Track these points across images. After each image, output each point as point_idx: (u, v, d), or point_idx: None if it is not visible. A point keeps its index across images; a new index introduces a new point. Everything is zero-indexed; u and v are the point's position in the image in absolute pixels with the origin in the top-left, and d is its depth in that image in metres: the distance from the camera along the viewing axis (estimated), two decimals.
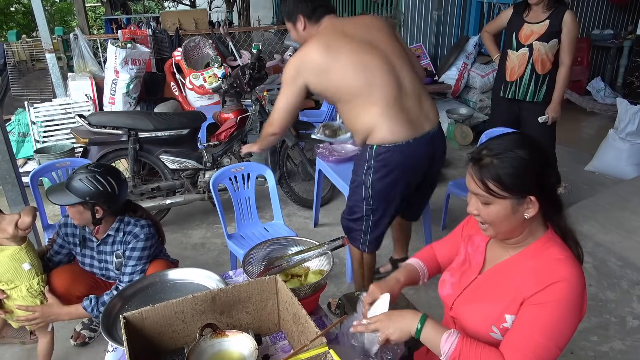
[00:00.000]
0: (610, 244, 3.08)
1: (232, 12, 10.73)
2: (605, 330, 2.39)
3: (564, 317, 1.06)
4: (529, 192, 1.09)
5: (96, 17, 14.06)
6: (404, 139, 1.98)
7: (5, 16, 12.27)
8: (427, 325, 1.16)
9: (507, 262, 1.20)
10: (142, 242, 1.96)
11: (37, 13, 4.15)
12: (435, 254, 1.52)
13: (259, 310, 1.41)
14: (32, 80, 5.09)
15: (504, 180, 1.08)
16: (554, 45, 2.98)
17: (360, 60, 1.96)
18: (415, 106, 2.03)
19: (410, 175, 2.10)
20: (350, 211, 2.24)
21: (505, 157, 1.09)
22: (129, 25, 7.27)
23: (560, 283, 1.06)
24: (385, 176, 2.05)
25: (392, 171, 2.03)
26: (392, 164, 2.01)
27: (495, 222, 1.14)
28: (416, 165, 2.08)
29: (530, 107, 3.16)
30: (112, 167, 2.00)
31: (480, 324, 1.17)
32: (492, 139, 1.15)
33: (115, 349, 1.44)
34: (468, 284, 1.27)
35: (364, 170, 2.08)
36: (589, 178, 4.18)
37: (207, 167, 3.37)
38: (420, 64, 2.35)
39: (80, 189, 1.85)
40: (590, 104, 6.03)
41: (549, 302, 1.06)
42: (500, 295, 1.16)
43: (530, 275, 1.11)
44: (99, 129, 3.11)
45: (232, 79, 3.43)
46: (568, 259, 1.11)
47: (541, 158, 1.11)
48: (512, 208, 1.10)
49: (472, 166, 1.13)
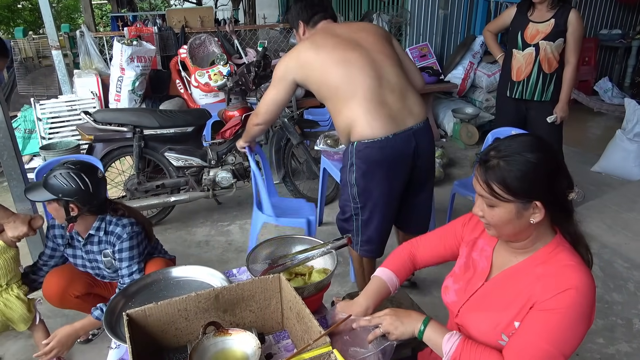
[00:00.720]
0: (617, 245, 3.06)
1: (238, 10, 10.74)
2: (611, 333, 2.37)
3: (572, 325, 1.04)
4: (535, 197, 1.06)
5: (102, 14, 14.10)
6: (383, 134, 1.97)
7: (12, 13, 12.33)
8: (430, 326, 1.16)
9: (515, 268, 1.17)
10: (127, 242, 1.94)
11: (43, 10, 4.16)
12: (415, 254, 1.46)
13: (263, 308, 1.40)
14: (38, 77, 5.11)
15: (509, 183, 1.05)
16: (560, 44, 2.96)
17: (342, 56, 2.01)
18: (398, 101, 2.02)
19: (393, 172, 2.06)
20: (342, 211, 2.25)
21: (513, 160, 1.05)
22: (135, 22, 7.28)
23: (570, 290, 1.04)
24: (367, 173, 2.04)
25: (373, 168, 2.02)
26: (371, 160, 2.00)
27: (498, 224, 1.12)
28: (398, 162, 2.04)
29: (538, 106, 3.14)
30: (89, 165, 1.94)
31: (489, 332, 1.15)
32: (503, 140, 1.12)
33: (119, 346, 1.44)
34: (474, 291, 1.24)
35: (348, 168, 2.08)
36: (595, 179, 4.15)
37: (212, 165, 3.37)
38: (417, 68, 2.36)
39: (54, 185, 1.83)
40: (598, 104, 5.99)
41: (558, 308, 1.04)
42: (509, 302, 1.13)
43: (539, 282, 1.09)
44: (105, 125, 3.11)
45: (238, 77, 3.43)
46: (578, 265, 1.08)
47: (552, 163, 1.07)
48: (516, 212, 1.07)
49: (479, 167, 1.11)
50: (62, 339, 1.79)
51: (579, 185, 3.96)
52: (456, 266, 1.35)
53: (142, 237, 2.02)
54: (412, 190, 2.21)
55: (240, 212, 3.70)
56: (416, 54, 5.48)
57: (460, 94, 5.45)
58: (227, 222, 3.56)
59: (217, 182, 3.37)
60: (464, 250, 1.35)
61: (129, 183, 3.32)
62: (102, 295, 2.24)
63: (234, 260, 3.05)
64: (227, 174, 3.35)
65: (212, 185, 3.37)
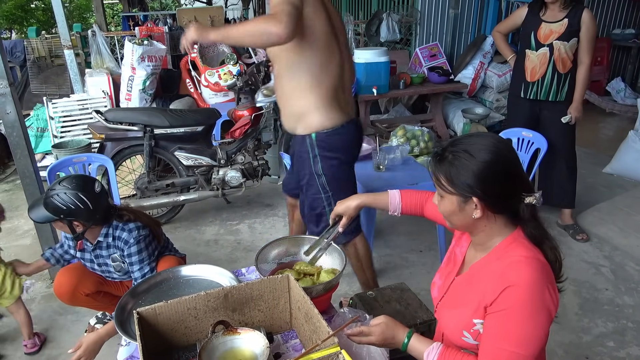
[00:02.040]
0: (629, 247, 3.02)
1: (248, 10, 10.76)
2: (621, 336, 2.34)
3: (528, 322, 1.03)
4: (473, 193, 1.09)
5: (114, 14, 14.23)
6: (338, 123, 2.04)
7: (25, 13, 12.49)
8: (413, 339, 1.20)
9: (477, 265, 1.19)
10: (135, 246, 1.96)
11: (56, 10, 4.21)
12: (424, 202, 1.53)
13: (271, 308, 1.41)
14: (50, 76, 5.17)
15: (451, 176, 1.10)
16: (574, 44, 2.94)
17: (330, 35, 1.96)
18: (347, 94, 2.11)
19: (353, 157, 2.17)
20: (311, 207, 2.19)
21: (461, 156, 1.09)
22: (146, 22, 7.33)
23: (512, 287, 1.04)
24: (333, 159, 2.08)
25: (337, 155, 2.08)
26: (335, 147, 2.07)
27: (446, 215, 1.19)
28: (353, 149, 2.16)
29: (553, 106, 3.12)
30: (86, 180, 1.93)
31: (453, 328, 1.19)
32: (463, 137, 1.16)
33: (129, 343, 1.46)
34: (448, 287, 1.28)
35: (311, 160, 2.09)
36: (607, 180, 4.11)
37: (221, 164, 3.39)
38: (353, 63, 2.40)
39: (54, 207, 1.83)
40: (610, 104, 5.92)
41: (507, 308, 1.05)
42: (469, 299, 1.16)
43: (491, 279, 1.10)
44: (115, 124, 3.14)
45: (247, 77, 3.44)
46: (528, 259, 1.07)
47: (501, 167, 1.09)
48: (457, 205, 1.12)
49: (433, 158, 1.16)
50: (89, 346, 1.75)
51: (591, 186, 3.92)
52: (443, 260, 1.39)
53: (150, 239, 2.04)
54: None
55: (249, 211, 3.71)
56: (426, 54, 5.46)
57: (470, 94, 5.41)
58: (236, 221, 3.57)
59: (226, 182, 3.39)
60: (452, 242, 1.37)
61: (140, 182, 3.35)
62: (112, 293, 2.26)
63: (243, 260, 3.06)
64: (237, 173, 3.37)
65: (221, 184, 3.39)
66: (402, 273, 2.87)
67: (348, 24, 5.59)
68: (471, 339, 1.15)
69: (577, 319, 2.46)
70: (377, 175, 2.77)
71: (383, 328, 1.22)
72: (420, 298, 1.75)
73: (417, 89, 4.94)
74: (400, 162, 2.90)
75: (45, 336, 2.41)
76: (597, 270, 2.85)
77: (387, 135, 4.61)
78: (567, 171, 3.20)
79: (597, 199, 3.66)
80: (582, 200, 3.54)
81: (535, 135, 3.04)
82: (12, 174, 4.59)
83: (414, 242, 3.18)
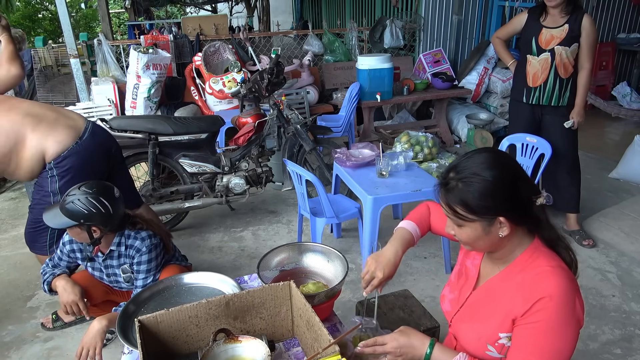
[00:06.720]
0: (636, 253, 2.99)
1: (253, 17, 10.83)
2: (629, 343, 2.31)
3: (559, 334, 1.03)
4: (497, 213, 1.06)
5: (120, 22, 14.36)
6: (72, 142, 2.17)
7: (33, 23, 12.64)
8: (436, 349, 1.16)
9: (497, 278, 1.18)
10: (146, 255, 1.98)
11: (62, 20, 4.26)
12: (429, 216, 1.49)
13: (273, 316, 1.41)
14: (57, 85, 5.21)
15: (469, 204, 1.06)
16: (575, 49, 2.94)
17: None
18: (53, 114, 2.22)
19: (92, 165, 2.27)
20: (34, 221, 2.29)
21: (470, 180, 1.06)
22: (152, 30, 7.40)
23: (545, 299, 1.03)
24: (73, 178, 2.15)
25: (78, 173, 2.18)
26: (75, 165, 2.18)
27: (469, 242, 1.14)
28: (96, 156, 2.28)
29: (555, 111, 3.11)
30: (105, 185, 1.95)
31: (476, 342, 1.16)
32: (460, 160, 1.12)
33: (131, 351, 1.45)
34: (464, 301, 1.25)
35: (49, 182, 2.18)
36: (613, 185, 4.08)
37: (225, 171, 3.40)
38: None
39: (74, 211, 1.84)
40: (616, 109, 5.88)
41: (538, 321, 1.04)
42: (492, 313, 1.14)
43: (518, 292, 1.09)
44: (120, 132, 3.15)
45: (251, 84, 3.45)
46: (554, 269, 1.07)
47: (509, 176, 1.07)
48: (482, 229, 1.09)
49: (440, 189, 1.12)
50: (87, 338, 1.73)
51: (597, 191, 3.89)
52: (452, 274, 1.37)
53: (161, 249, 2.06)
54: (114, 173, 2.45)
55: (253, 218, 3.72)
56: (430, 60, 5.46)
57: (474, 99, 5.41)
58: (240, 228, 3.58)
59: (230, 189, 3.39)
60: (460, 255, 1.36)
61: (144, 189, 3.36)
62: (118, 302, 2.26)
63: (247, 267, 3.06)
64: (241, 180, 3.38)
65: (225, 191, 3.39)
66: (406, 280, 2.86)
67: (352, 31, 5.62)
68: (495, 352, 1.13)
69: (584, 326, 2.43)
70: (381, 182, 2.76)
71: (397, 335, 1.19)
72: (424, 305, 1.74)
73: (421, 95, 4.94)
74: (404, 168, 2.90)
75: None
76: (603, 277, 2.82)
77: (391, 141, 4.61)
78: (571, 175, 3.19)
79: (603, 204, 3.63)
80: (588, 205, 3.51)
81: (540, 141, 3.03)
82: (18, 182, 4.63)
83: (418, 248, 3.17)
